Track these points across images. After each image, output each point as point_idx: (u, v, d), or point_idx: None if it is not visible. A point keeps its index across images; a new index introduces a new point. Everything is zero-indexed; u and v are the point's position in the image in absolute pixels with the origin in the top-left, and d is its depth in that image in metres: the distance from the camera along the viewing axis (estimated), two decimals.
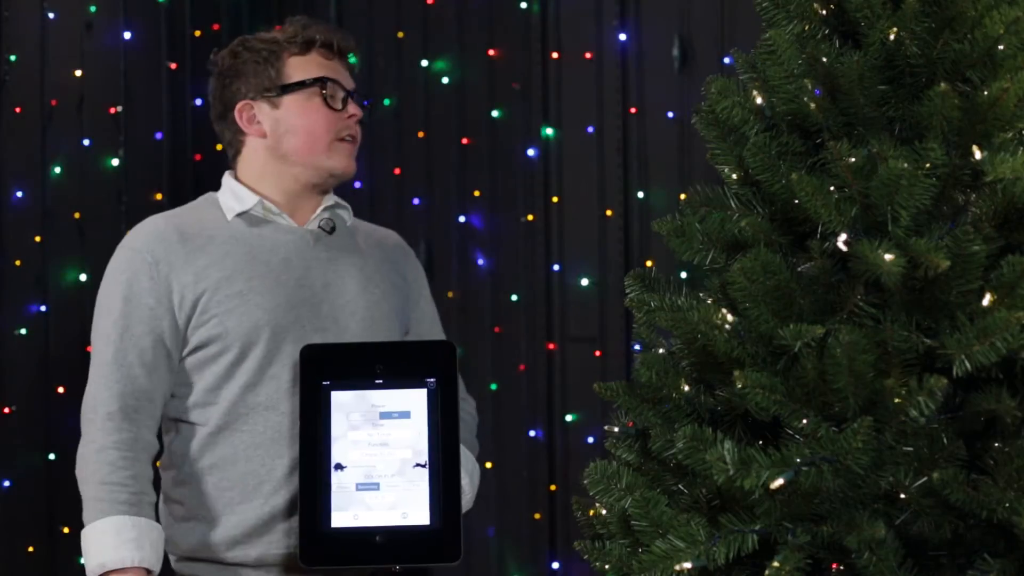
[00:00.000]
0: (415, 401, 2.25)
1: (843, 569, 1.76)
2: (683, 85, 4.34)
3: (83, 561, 2.31)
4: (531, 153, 4.58)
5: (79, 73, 4.48)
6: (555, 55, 4.57)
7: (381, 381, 2.26)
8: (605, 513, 1.97)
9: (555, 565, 4.52)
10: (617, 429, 2.07)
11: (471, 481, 2.44)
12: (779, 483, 1.72)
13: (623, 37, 4.46)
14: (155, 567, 2.30)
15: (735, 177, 1.96)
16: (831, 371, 1.76)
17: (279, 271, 2.40)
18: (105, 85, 4.51)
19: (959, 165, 1.83)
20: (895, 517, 1.77)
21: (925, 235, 1.78)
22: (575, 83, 4.54)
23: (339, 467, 2.22)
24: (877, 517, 1.74)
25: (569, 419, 4.53)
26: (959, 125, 1.83)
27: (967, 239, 1.75)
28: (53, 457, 4.27)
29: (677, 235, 1.96)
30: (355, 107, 2.49)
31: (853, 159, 1.81)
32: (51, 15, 4.45)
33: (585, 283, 4.51)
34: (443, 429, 2.24)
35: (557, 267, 4.56)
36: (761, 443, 1.79)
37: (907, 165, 1.76)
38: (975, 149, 1.82)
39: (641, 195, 4.43)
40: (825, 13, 1.93)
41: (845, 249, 1.81)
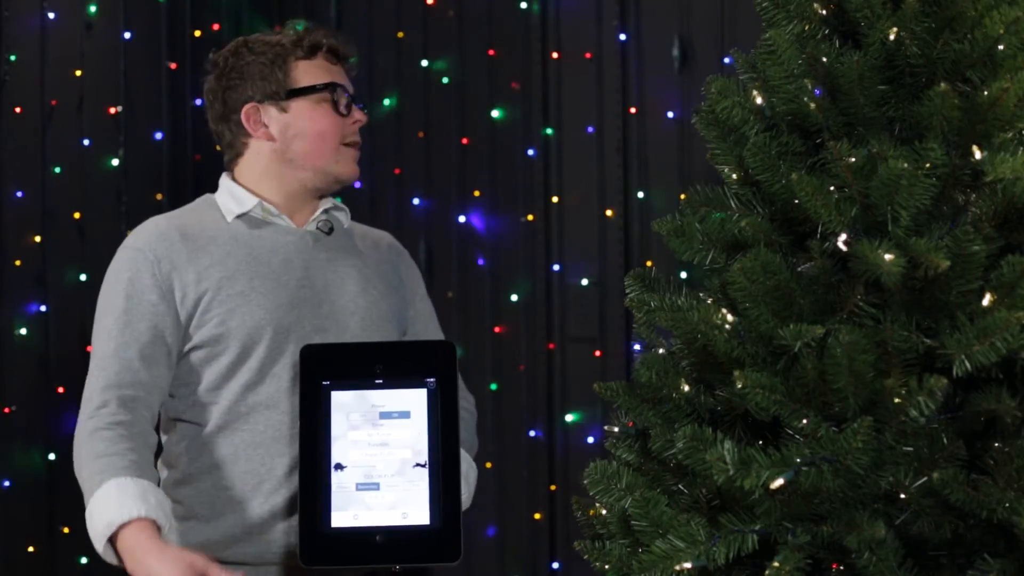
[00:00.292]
0: (415, 401, 2.25)
1: (843, 569, 1.76)
2: (683, 85, 4.34)
3: (91, 535, 2.23)
4: (531, 153, 4.58)
5: (79, 73, 4.48)
6: (555, 55, 4.57)
7: (381, 381, 2.26)
8: (605, 513, 1.97)
9: (555, 565, 4.52)
10: (617, 429, 2.07)
11: (467, 482, 2.42)
12: (779, 483, 1.72)
13: (623, 37, 4.46)
14: (163, 523, 2.22)
15: (735, 177, 1.96)
16: (831, 371, 1.76)
17: (280, 271, 2.41)
18: (105, 85, 4.51)
19: (959, 165, 1.83)
20: (895, 517, 1.77)
21: (925, 235, 1.78)
22: (575, 83, 4.54)
23: (339, 467, 2.22)
24: (877, 517, 1.74)
25: (569, 419, 4.53)
26: (959, 125, 1.83)
27: (967, 239, 1.75)
28: (53, 457, 4.27)
29: (677, 235, 1.96)
30: (359, 112, 2.51)
31: (853, 159, 1.81)
32: (51, 15, 4.45)
33: (585, 283, 4.51)
34: (443, 429, 2.24)
35: (557, 267, 4.56)
36: (761, 443, 1.79)
37: (907, 165, 1.76)
38: (975, 149, 1.82)
39: (641, 195, 4.43)
40: (825, 13, 1.93)
41: (845, 249, 1.81)
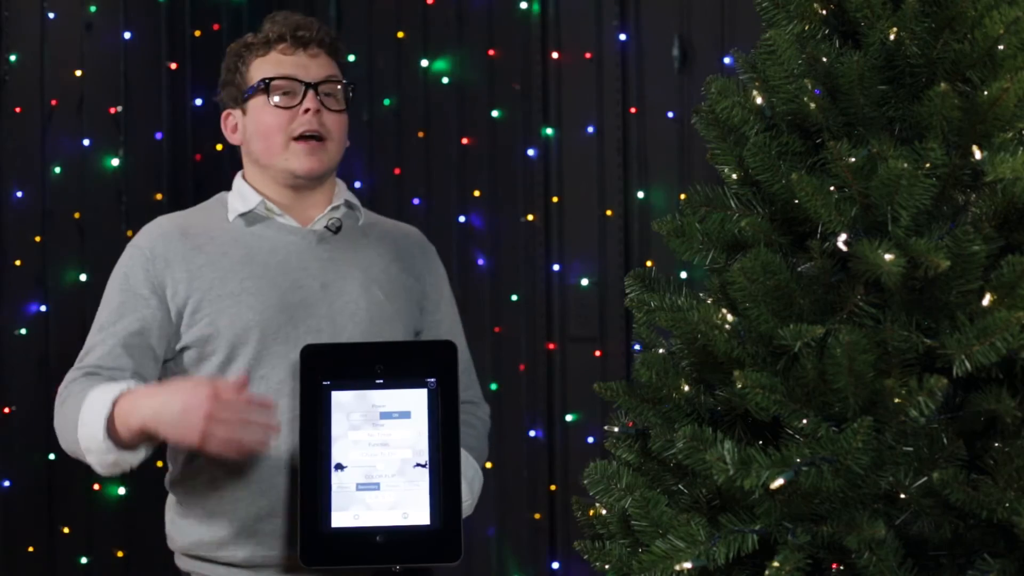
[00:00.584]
0: (415, 401, 2.25)
1: (843, 569, 1.76)
2: (683, 85, 4.34)
3: (90, 446, 2.26)
4: (531, 153, 4.58)
5: (79, 73, 4.48)
6: (555, 55, 4.57)
7: (381, 381, 2.26)
8: (605, 513, 1.97)
9: (555, 565, 4.52)
10: (617, 429, 2.07)
11: (471, 488, 2.41)
12: (779, 483, 1.71)
13: (623, 37, 4.46)
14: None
15: (735, 177, 1.96)
16: (831, 371, 1.76)
17: (275, 273, 2.40)
18: (105, 85, 4.51)
19: (959, 165, 1.83)
20: (895, 517, 1.77)
21: (925, 235, 1.78)
22: (575, 83, 4.54)
23: (339, 467, 2.22)
24: (877, 517, 1.74)
25: (569, 419, 4.53)
26: (959, 125, 1.83)
27: (967, 239, 1.75)
28: (53, 457, 4.26)
29: (677, 235, 1.96)
30: (311, 100, 2.41)
31: (853, 159, 1.81)
32: (51, 15, 4.45)
33: (585, 283, 4.51)
34: (443, 429, 2.24)
35: (557, 267, 4.56)
36: (761, 443, 1.79)
37: (907, 165, 1.76)
38: (975, 149, 1.82)
39: (641, 195, 4.43)
40: (825, 13, 1.93)
41: (845, 249, 1.81)
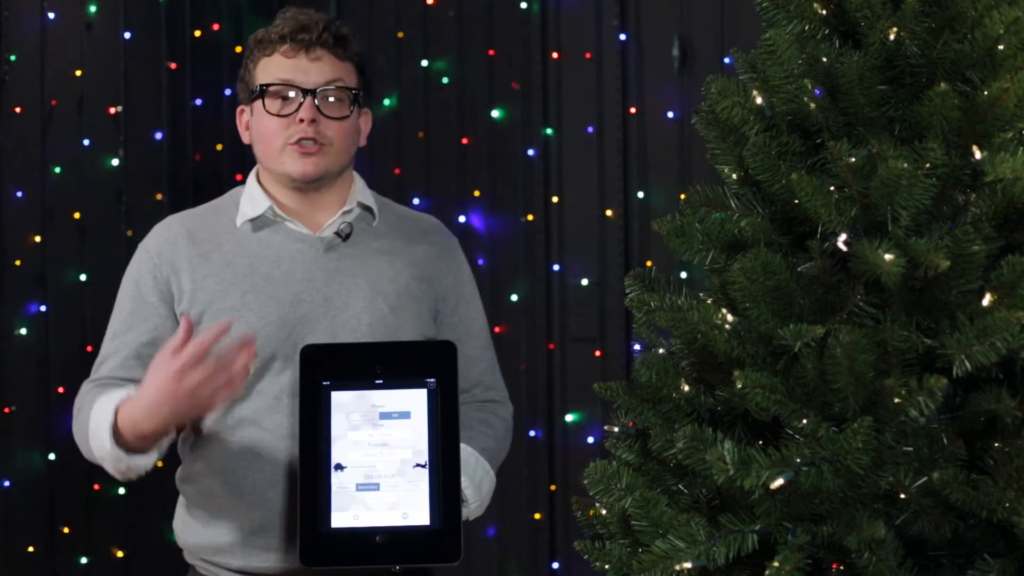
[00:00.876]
0: (415, 401, 2.25)
1: (843, 569, 1.76)
2: (683, 85, 4.34)
3: (100, 450, 2.27)
4: (531, 153, 4.58)
5: (79, 73, 4.48)
6: (555, 55, 4.57)
7: (381, 381, 2.26)
8: (605, 513, 1.97)
9: (555, 565, 4.52)
10: (617, 429, 2.07)
11: (478, 490, 2.36)
12: (779, 483, 1.71)
13: (623, 37, 4.46)
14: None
15: (735, 177, 1.96)
16: (831, 371, 1.76)
17: (277, 286, 2.36)
18: (105, 85, 4.51)
19: (959, 165, 1.83)
20: (895, 517, 1.77)
21: (925, 235, 1.78)
22: (575, 83, 4.54)
23: (339, 467, 2.22)
24: (877, 517, 1.74)
25: (569, 419, 4.53)
26: (959, 125, 1.83)
27: (967, 239, 1.75)
28: (53, 457, 4.27)
29: (677, 235, 1.96)
30: (306, 109, 2.34)
31: (853, 159, 1.81)
32: (51, 15, 4.45)
33: (585, 283, 4.51)
34: (443, 429, 2.24)
35: (557, 267, 4.56)
36: (761, 443, 1.79)
37: (907, 165, 1.76)
38: (975, 149, 1.82)
39: (641, 195, 4.43)
40: (825, 13, 1.93)
41: (845, 249, 1.81)
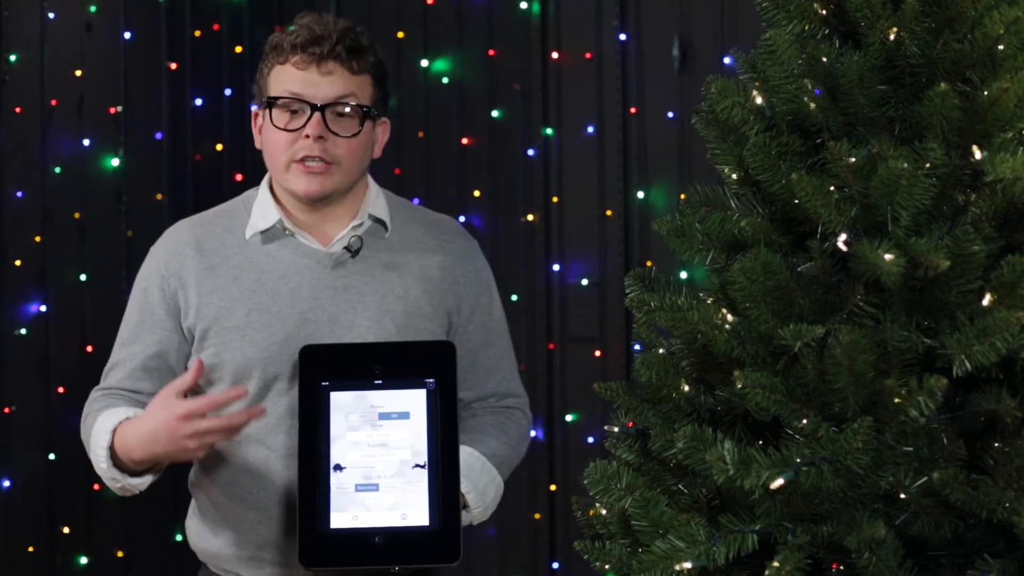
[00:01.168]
0: (414, 402, 2.25)
1: (843, 569, 1.76)
2: (683, 85, 4.34)
3: (98, 467, 2.28)
4: (531, 153, 4.58)
5: (79, 73, 4.48)
6: (555, 55, 4.57)
7: (380, 382, 2.26)
8: (605, 513, 1.97)
9: (555, 565, 4.52)
10: (617, 429, 2.07)
11: (482, 497, 2.32)
12: (779, 483, 1.71)
13: (623, 37, 4.46)
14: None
15: (735, 177, 1.96)
16: (831, 371, 1.75)
17: (283, 304, 2.32)
18: (105, 85, 4.51)
19: (959, 165, 1.83)
20: (895, 517, 1.77)
21: (925, 235, 1.78)
22: (575, 83, 4.54)
23: (338, 468, 2.22)
24: (877, 517, 1.74)
25: (569, 419, 4.53)
26: (959, 125, 1.82)
27: (967, 239, 1.75)
28: (53, 457, 4.27)
29: (677, 235, 1.96)
30: (313, 126, 2.27)
31: (853, 159, 1.81)
32: (51, 15, 4.45)
33: (585, 283, 4.51)
34: (442, 430, 2.23)
35: (557, 267, 4.56)
36: (761, 443, 1.79)
37: (907, 165, 1.76)
38: (975, 149, 1.82)
39: (641, 195, 4.43)
40: (825, 13, 1.93)
41: (845, 249, 1.81)
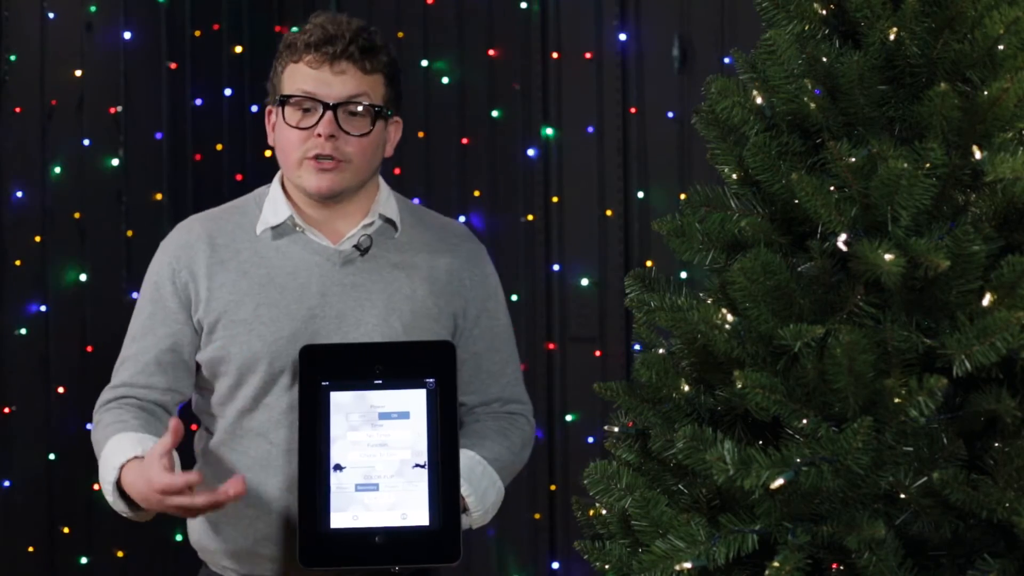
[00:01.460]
0: (414, 402, 2.25)
1: (843, 569, 1.76)
2: (683, 85, 4.34)
3: (105, 493, 2.27)
4: (531, 153, 4.58)
5: (79, 73, 4.48)
6: (555, 55, 4.57)
7: (380, 382, 2.26)
8: (605, 513, 1.97)
9: (555, 565, 4.52)
10: (617, 429, 2.07)
11: (482, 501, 2.33)
12: (779, 483, 1.72)
13: (623, 37, 4.46)
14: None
15: (735, 177, 1.96)
16: (831, 371, 1.76)
17: (292, 299, 2.33)
18: (105, 85, 4.51)
19: (959, 165, 1.83)
20: (895, 517, 1.77)
21: (925, 235, 1.78)
22: (575, 83, 4.54)
23: (338, 468, 2.22)
24: (877, 517, 1.74)
25: (569, 419, 4.53)
26: (959, 125, 1.83)
27: (967, 239, 1.75)
28: (53, 457, 4.25)
29: (677, 235, 1.96)
30: (325, 125, 2.29)
31: (853, 159, 1.81)
32: (51, 15, 4.45)
33: (585, 283, 4.51)
34: (442, 430, 2.23)
35: (557, 267, 4.56)
36: (761, 443, 1.79)
37: (907, 165, 1.76)
38: (975, 149, 1.82)
39: (641, 195, 4.43)
40: (825, 13, 1.93)
41: (845, 249, 1.81)
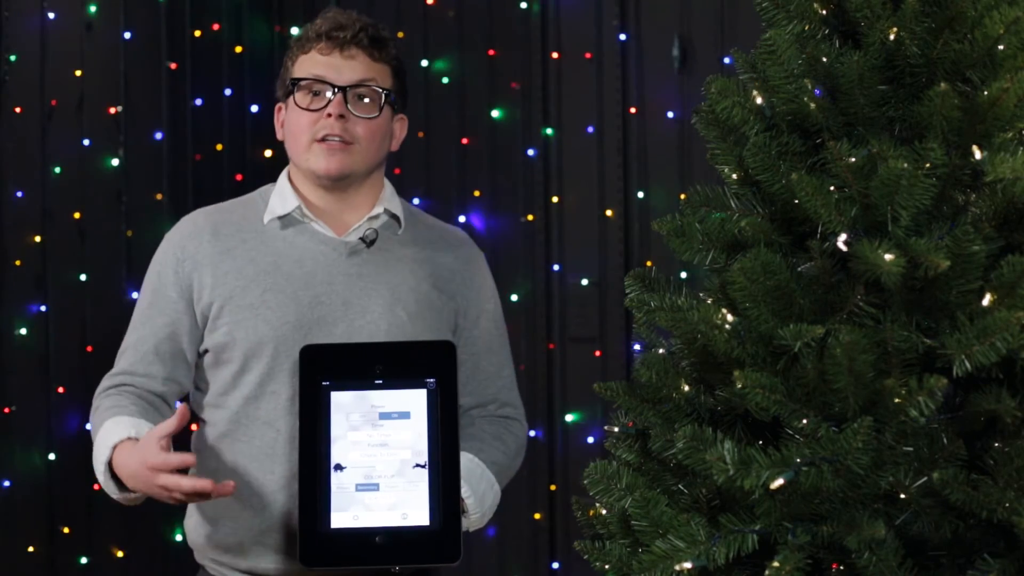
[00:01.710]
0: (415, 401, 2.25)
1: (843, 569, 1.76)
2: (683, 85, 4.34)
3: (98, 475, 2.28)
4: (531, 153, 4.58)
5: (79, 73, 4.48)
6: (555, 55, 4.57)
7: (381, 382, 2.26)
8: (605, 513, 1.97)
9: (555, 565, 4.52)
10: (617, 429, 2.07)
11: (480, 502, 2.36)
12: (779, 483, 1.72)
13: (623, 37, 4.46)
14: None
15: (735, 177, 1.96)
16: (831, 371, 1.76)
17: (298, 286, 2.36)
18: (105, 85, 4.50)
19: (959, 165, 1.83)
20: (895, 517, 1.77)
21: (925, 235, 1.78)
22: (575, 83, 4.54)
23: (339, 468, 2.22)
24: (877, 517, 1.74)
25: (569, 419, 4.53)
26: (959, 125, 1.83)
27: (967, 239, 1.75)
28: (53, 457, 4.25)
29: (677, 235, 1.96)
30: (335, 105, 2.38)
31: (853, 159, 1.81)
32: (51, 15, 4.45)
33: (585, 283, 4.51)
34: (443, 429, 2.24)
35: (557, 267, 4.56)
36: (761, 443, 1.79)
37: (907, 165, 1.76)
38: (975, 149, 1.82)
39: (641, 195, 4.43)
40: (825, 13, 1.93)
41: (845, 249, 1.81)
